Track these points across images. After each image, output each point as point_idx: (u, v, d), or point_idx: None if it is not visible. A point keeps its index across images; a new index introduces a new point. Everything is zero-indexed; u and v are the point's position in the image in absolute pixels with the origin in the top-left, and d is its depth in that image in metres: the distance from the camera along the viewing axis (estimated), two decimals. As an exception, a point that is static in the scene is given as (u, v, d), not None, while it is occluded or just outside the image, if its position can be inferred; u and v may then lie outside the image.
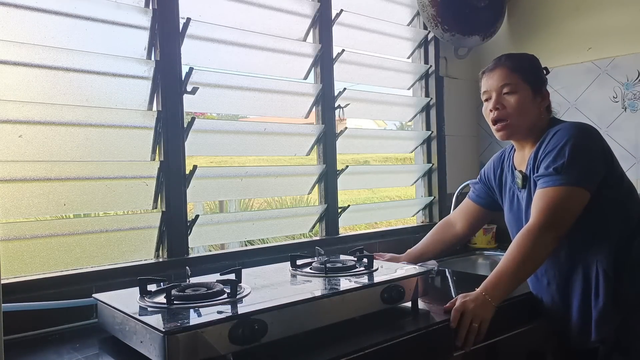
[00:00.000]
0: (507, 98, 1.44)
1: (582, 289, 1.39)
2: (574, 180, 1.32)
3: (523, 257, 1.31)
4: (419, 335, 1.21)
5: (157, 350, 0.95)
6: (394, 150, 2.47)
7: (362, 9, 2.10)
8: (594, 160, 1.35)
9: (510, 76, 1.44)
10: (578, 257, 1.40)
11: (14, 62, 1.30)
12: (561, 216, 1.32)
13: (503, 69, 1.46)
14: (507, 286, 1.32)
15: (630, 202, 1.42)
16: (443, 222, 1.82)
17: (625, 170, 1.47)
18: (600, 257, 1.36)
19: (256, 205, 4.94)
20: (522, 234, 1.34)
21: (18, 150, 1.31)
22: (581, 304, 1.39)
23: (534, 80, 1.45)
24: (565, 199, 1.32)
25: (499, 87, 1.45)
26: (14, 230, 1.30)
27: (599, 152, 1.38)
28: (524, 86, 1.44)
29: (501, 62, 1.48)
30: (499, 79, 1.45)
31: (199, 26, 1.59)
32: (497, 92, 1.46)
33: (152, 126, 1.52)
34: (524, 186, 1.47)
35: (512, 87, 1.44)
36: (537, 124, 1.46)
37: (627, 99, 2.07)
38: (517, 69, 1.45)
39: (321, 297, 1.16)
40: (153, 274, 1.35)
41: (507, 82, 1.44)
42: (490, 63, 1.51)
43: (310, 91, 1.92)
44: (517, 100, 1.43)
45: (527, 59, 1.51)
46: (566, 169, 1.32)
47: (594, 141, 1.38)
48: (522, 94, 1.43)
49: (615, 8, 2.11)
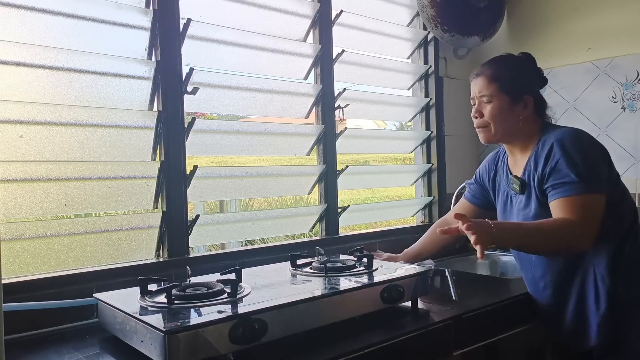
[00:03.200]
0: (485, 106, 1.49)
1: (579, 293, 1.40)
2: (596, 188, 1.33)
3: (547, 233, 1.30)
4: (418, 335, 1.21)
5: (157, 349, 0.96)
6: (394, 150, 2.47)
7: (362, 9, 2.10)
8: (601, 166, 1.38)
9: (488, 86, 1.47)
10: (576, 262, 1.40)
11: (14, 63, 1.30)
12: (595, 224, 1.31)
13: (482, 77, 1.49)
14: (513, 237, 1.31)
15: (623, 204, 1.43)
16: (439, 222, 1.83)
17: (625, 170, 1.48)
18: (597, 261, 1.37)
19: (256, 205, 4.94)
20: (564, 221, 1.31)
21: (19, 150, 1.31)
22: (577, 309, 1.40)
23: (513, 89, 1.46)
24: (595, 206, 1.32)
25: (478, 96, 1.50)
26: (15, 230, 1.30)
27: (602, 157, 1.40)
28: (500, 96, 1.46)
29: (483, 70, 1.51)
30: (478, 88, 1.50)
31: (199, 27, 1.59)
32: (478, 99, 1.51)
33: (152, 126, 1.52)
34: (523, 191, 1.48)
35: (488, 97, 1.48)
36: (519, 130, 1.48)
37: (627, 99, 2.07)
38: (495, 78, 1.47)
39: (321, 296, 1.17)
40: (153, 274, 1.35)
41: (484, 93, 1.48)
42: (478, 68, 1.54)
43: (310, 91, 1.92)
44: (492, 109, 1.47)
45: (511, 65, 1.50)
46: (588, 176, 1.32)
47: (598, 147, 1.41)
48: (498, 104, 1.46)
49: (614, 8, 2.12)
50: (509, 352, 1.45)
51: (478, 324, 1.31)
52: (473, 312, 1.30)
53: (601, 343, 1.36)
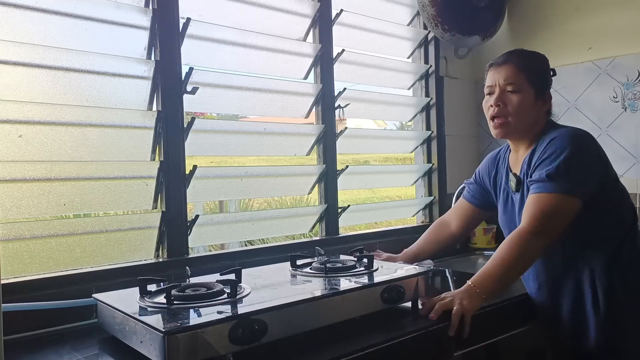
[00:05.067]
0: (510, 96, 1.43)
1: (575, 293, 1.39)
2: (567, 189, 1.32)
3: (511, 259, 1.32)
4: (419, 335, 1.21)
5: (157, 350, 0.95)
6: (394, 150, 2.47)
7: (362, 9, 2.10)
8: (588, 170, 1.35)
9: (517, 75, 1.42)
10: (572, 263, 1.40)
11: (13, 62, 1.29)
12: (552, 224, 1.33)
13: (511, 66, 1.44)
14: (493, 286, 1.32)
15: (623, 206, 1.42)
16: (438, 222, 1.82)
17: (626, 170, 1.47)
18: (594, 262, 1.37)
19: (256, 205, 4.94)
20: (513, 237, 1.34)
21: (18, 150, 1.31)
22: (573, 309, 1.40)
23: (539, 83, 1.44)
24: (557, 207, 1.32)
25: (503, 83, 1.43)
26: (14, 230, 1.30)
27: (594, 161, 1.37)
28: (528, 87, 1.42)
29: (511, 58, 1.46)
30: (505, 76, 1.43)
31: (199, 26, 1.59)
32: (501, 88, 1.44)
33: (152, 126, 1.52)
34: (518, 189, 1.47)
35: (516, 86, 1.42)
36: (533, 127, 1.46)
37: (627, 99, 2.07)
38: (524, 68, 1.43)
39: (321, 297, 1.16)
40: (153, 274, 1.35)
41: (512, 81, 1.42)
42: (500, 56, 1.49)
43: (310, 91, 1.92)
44: (519, 101, 1.42)
45: (537, 59, 1.49)
46: (560, 176, 1.32)
47: (589, 150, 1.38)
48: (525, 95, 1.42)
49: (615, 8, 2.11)
50: (509, 353, 1.45)
51: (478, 324, 1.31)
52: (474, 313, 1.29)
53: (600, 344, 1.36)
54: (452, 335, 1.24)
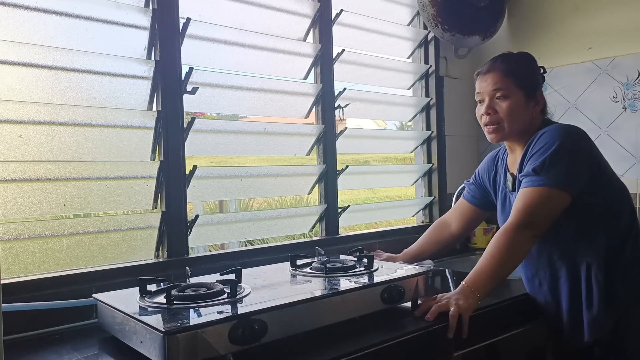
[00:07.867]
0: (499, 103, 1.44)
1: (572, 289, 1.40)
2: (553, 182, 1.32)
3: (501, 255, 1.33)
4: (419, 335, 1.21)
5: (157, 350, 0.95)
6: (394, 150, 2.47)
7: (362, 9, 2.10)
8: (578, 164, 1.35)
9: (503, 81, 1.43)
10: (568, 259, 1.40)
11: (13, 62, 1.29)
12: (538, 216, 1.34)
13: (496, 73, 1.45)
14: (486, 283, 1.32)
15: (620, 204, 1.42)
16: (438, 222, 1.82)
17: (626, 170, 1.47)
18: (590, 258, 1.37)
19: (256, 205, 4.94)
20: (500, 233, 1.35)
21: (18, 150, 1.31)
22: (571, 305, 1.40)
23: (527, 85, 1.44)
24: (543, 200, 1.33)
25: (491, 91, 1.45)
26: (14, 230, 1.30)
27: (584, 155, 1.37)
28: (516, 91, 1.43)
29: (496, 65, 1.47)
30: (491, 83, 1.44)
31: (199, 26, 1.59)
32: (490, 96, 1.45)
33: (152, 126, 1.52)
34: (514, 189, 1.48)
35: (504, 92, 1.43)
36: (529, 128, 1.46)
37: (627, 99, 2.07)
38: (510, 73, 1.44)
39: (321, 297, 1.16)
40: (153, 274, 1.35)
41: (499, 87, 1.43)
42: (485, 64, 1.50)
43: (310, 91, 1.92)
44: (509, 106, 1.43)
45: (522, 61, 1.49)
46: (547, 170, 1.32)
47: (580, 145, 1.38)
48: (514, 99, 1.43)
49: (615, 8, 2.11)
50: (510, 353, 1.45)
51: (478, 324, 1.31)
52: (473, 313, 1.29)
53: (596, 340, 1.36)
54: (451, 337, 1.24)
